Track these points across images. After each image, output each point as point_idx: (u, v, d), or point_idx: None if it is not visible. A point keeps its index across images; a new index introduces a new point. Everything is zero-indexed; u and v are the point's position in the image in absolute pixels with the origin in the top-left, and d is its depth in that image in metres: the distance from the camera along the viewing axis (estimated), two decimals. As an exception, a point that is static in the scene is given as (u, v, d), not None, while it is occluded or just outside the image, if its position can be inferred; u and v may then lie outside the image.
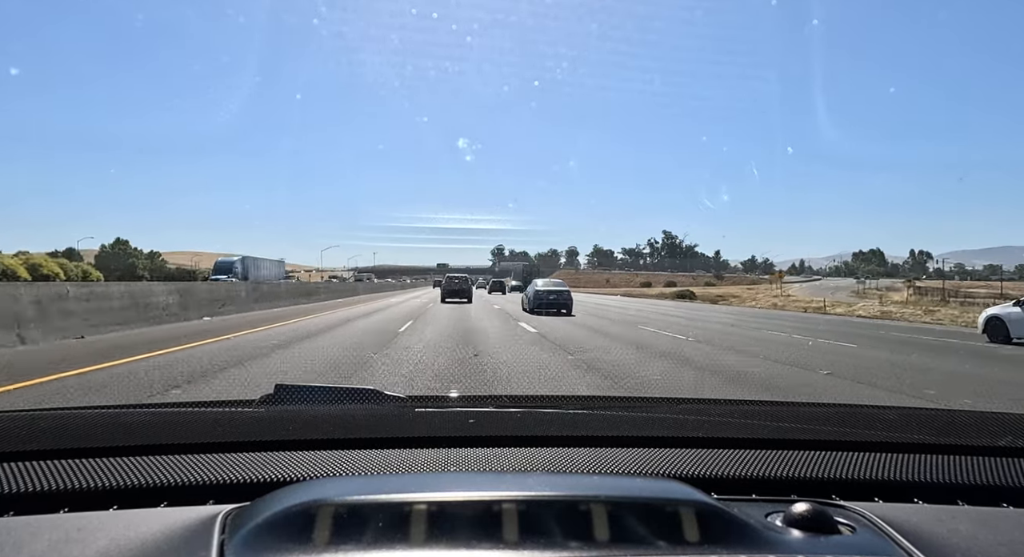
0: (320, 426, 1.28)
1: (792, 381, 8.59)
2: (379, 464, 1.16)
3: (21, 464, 1.06)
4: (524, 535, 0.81)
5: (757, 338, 16.27)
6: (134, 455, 1.12)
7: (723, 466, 1.18)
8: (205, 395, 6.40)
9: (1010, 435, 1.27)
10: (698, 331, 18.00)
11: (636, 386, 7.76)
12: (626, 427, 1.34)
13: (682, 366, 9.89)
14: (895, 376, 9.31)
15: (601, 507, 0.85)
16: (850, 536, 0.89)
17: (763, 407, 1.99)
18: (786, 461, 1.20)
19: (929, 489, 1.14)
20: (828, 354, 12.51)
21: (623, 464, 1.19)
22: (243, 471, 1.09)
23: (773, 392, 7.60)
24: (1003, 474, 1.18)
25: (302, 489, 0.92)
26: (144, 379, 7.30)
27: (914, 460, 1.20)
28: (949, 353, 13.72)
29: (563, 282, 24.25)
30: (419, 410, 1.37)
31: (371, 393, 1.37)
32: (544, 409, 1.43)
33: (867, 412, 1.62)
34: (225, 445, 1.16)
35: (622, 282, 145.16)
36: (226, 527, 0.87)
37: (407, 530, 0.81)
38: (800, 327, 21.54)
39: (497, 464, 1.19)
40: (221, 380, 7.35)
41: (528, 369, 8.93)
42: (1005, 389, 8.68)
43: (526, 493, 0.87)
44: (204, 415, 1.41)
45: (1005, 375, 10.26)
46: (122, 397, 6.21)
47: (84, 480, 1.05)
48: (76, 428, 1.25)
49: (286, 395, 1.33)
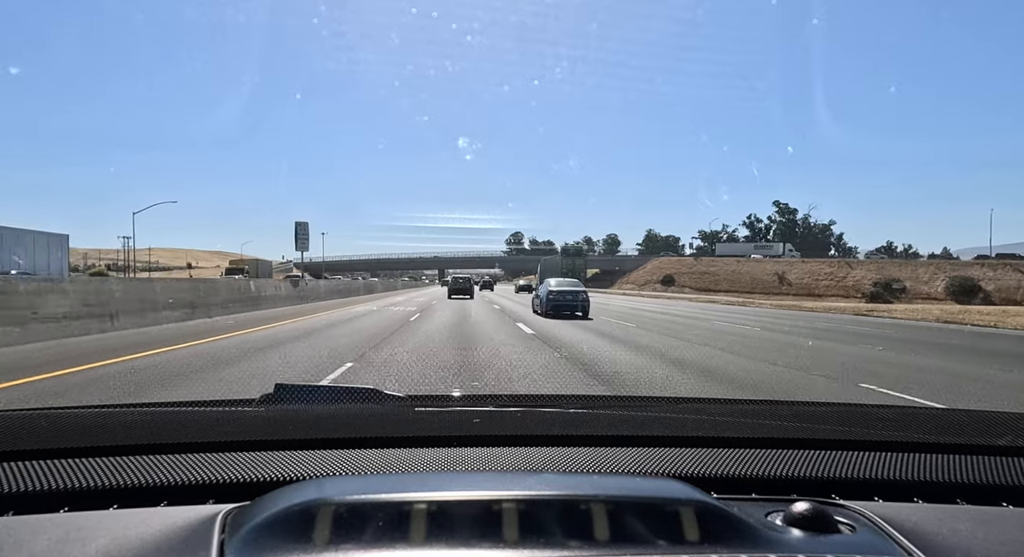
0: (320, 425, 1.28)
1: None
2: (379, 463, 1.16)
3: (21, 464, 1.06)
4: (524, 534, 0.81)
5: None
6: (134, 454, 1.11)
7: (723, 465, 1.18)
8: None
9: (1010, 435, 1.27)
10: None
11: None
12: (626, 427, 1.34)
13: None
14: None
15: (601, 506, 0.85)
16: (850, 535, 0.89)
17: (763, 406, 1.99)
18: (786, 460, 1.20)
19: (929, 488, 1.14)
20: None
21: (623, 463, 1.19)
22: (243, 471, 1.09)
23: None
24: (1003, 474, 1.18)
25: (302, 489, 0.92)
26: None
27: (914, 460, 1.20)
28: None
29: (578, 282, 22.78)
30: (419, 409, 1.37)
31: (371, 392, 1.36)
32: (544, 408, 1.43)
33: (867, 411, 1.62)
34: (225, 445, 1.16)
35: (791, 276, 75.24)
36: (226, 527, 0.87)
37: (407, 530, 0.81)
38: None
39: (497, 464, 1.19)
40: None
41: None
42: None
43: (526, 492, 0.87)
44: (204, 414, 1.41)
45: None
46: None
47: (84, 480, 1.04)
48: (76, 428, 1.25)
49: (286, 394, 1.33)
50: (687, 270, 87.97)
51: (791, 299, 57.23)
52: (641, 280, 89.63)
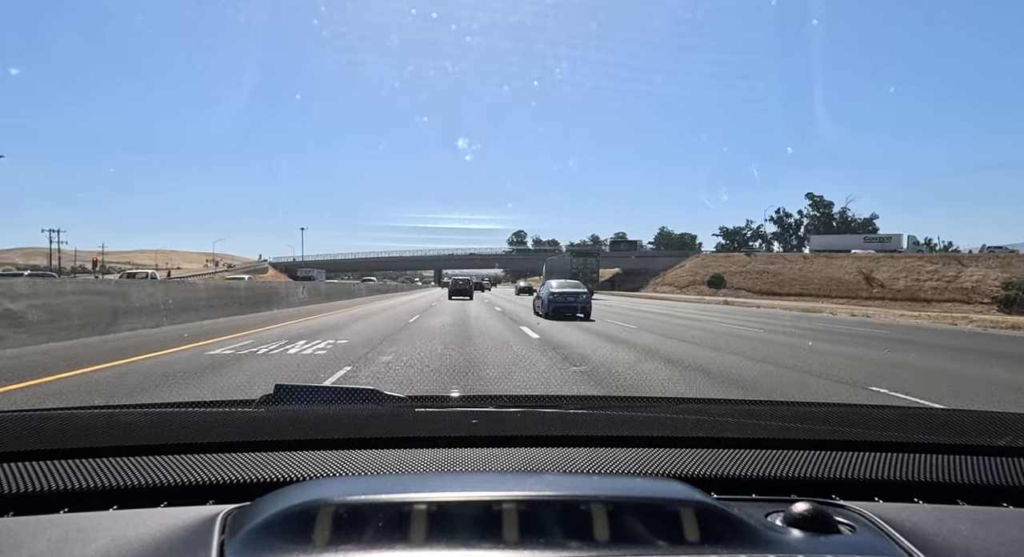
0: (320, 426, 1.28)
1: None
2: (379, 464, 1.16)
3: (21, 464, 1.06)
4: (524, 535, 0.81)
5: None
6: (134, 455, 1.11)
7: (723, 466, 1.18)
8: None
9: (1010, 435, 1.27)
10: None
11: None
12: (626, 427, 1.34)
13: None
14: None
15: (601, 507, 0.85)
16: (850, 536, 0.89)
17: (763, 407, 1.99)
18: (786, 461, 1.20)
19: (929, 489, 1.14)
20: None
21: (623, 464, 1.19)
22: (243, 471, 1.09)
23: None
24: (1003, 474, 1.18)
25: (302, 489, 0.92)
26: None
27: (914, 460, 1.20)
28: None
29: (579, 283, 22.96)
30: (419, 410, 1.37)
31: (371, 393, 1.36)
32: (544, 409, 1.43)
33: (867, 412, 1.62)
34: (225, 445, 1.16)
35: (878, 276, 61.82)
36: (226, 527, 0.87)
37: (407, 530, 0.81)
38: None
39: (497, 464, 1.19)
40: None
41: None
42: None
43: (526, 493, 0.87)
44: (204, 415, 1.41)
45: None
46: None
47: (84, 480, 1.05)
48: (76, 428, 1.25)
49: (286, 395, 1.33)
50: (739, 269, 73.71)
51: (899, 306, 43.84)
52: (682, 281, 77.17)
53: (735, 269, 74.23)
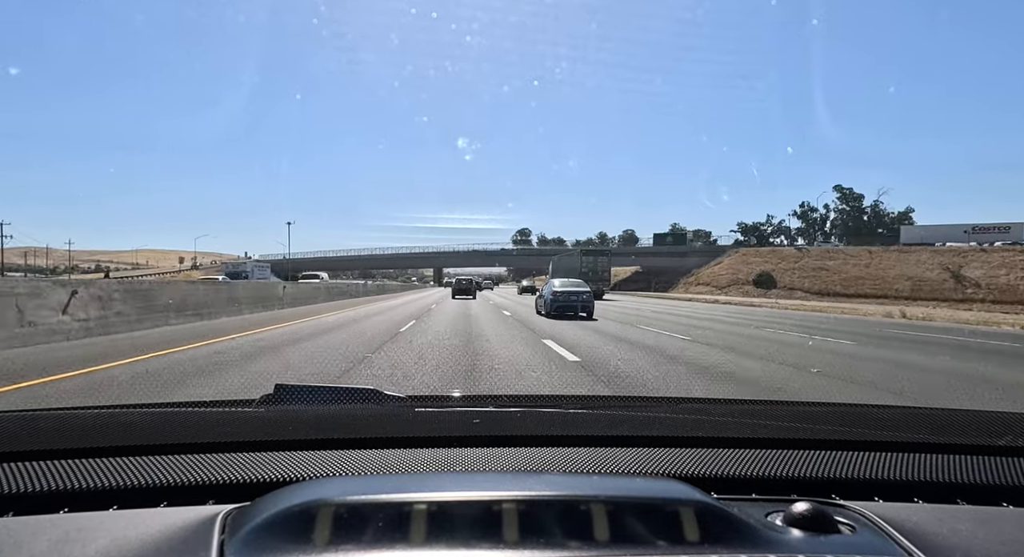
0: (320, 426, 1.28)
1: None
2: (379, 464, 1.16)
3: (21, 464, 1.06)
4: (524, 535, 0.81)
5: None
6: (134, 455, 1.11)
7: (723, 466, 1.18)
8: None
9: (1010, 435, 1.27)
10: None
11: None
12: (626, 427, 1.34)
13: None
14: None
15: (601, 507, 0.85)
16: (850, 536, 0.89)
17: (763, 407, 1.99)
18: (786, 461, 1.20)
19: (929, 488, 1.14)
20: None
21: (623, 464, 1.19)
22: (243, 471, 1.09)
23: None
24: (1003, 473, 1.18)
25: (302, 489, 0.92)
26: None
27: (914, 460, 1.20)
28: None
29: (582, 282, 23.11)
30: (419, 410, 1.37)
31: (371, 393, 1.36)
32: (544, 409, 1.43)
33: (867, 412, 1.62)
34: (225, 445, 1.16)
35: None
36: (226, 527, 0.87)
37: (407, 530, 0.81)
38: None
39: (497, 464, 1.19)
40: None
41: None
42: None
43: (526, 493, 0.87)
44: (204, 415, 1.41)
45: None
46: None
47: (84, 480, 1.04)
48: (76, 428, 1.25)
49: (286, 395, 1.33)
50: (790, 266, 63.91)
51: (1011, 309, 35.12)
52: (722, 281, 67.50)
53: (785, 266, 64.68)
